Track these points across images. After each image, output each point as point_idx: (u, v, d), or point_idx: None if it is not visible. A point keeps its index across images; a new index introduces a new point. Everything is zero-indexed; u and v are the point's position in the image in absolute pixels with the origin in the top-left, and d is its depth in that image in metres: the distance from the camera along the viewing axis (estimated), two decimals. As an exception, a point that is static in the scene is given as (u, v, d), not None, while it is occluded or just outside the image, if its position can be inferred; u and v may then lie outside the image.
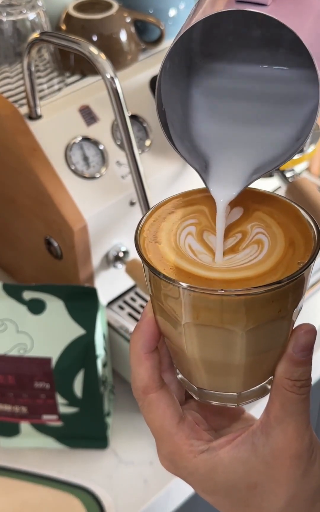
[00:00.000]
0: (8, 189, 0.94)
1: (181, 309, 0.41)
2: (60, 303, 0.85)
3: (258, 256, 0.42)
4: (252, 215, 0.44)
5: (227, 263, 0.42)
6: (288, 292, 0.41)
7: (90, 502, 0.85)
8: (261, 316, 0.41)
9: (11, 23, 0.87)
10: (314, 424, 1.38)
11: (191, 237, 0.43)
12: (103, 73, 0.76)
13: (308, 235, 0.42)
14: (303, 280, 0.42)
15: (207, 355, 0.44)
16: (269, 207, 0.45)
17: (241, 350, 0.43)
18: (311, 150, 0.88)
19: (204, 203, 0.46)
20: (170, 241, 0.43)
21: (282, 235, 0.43)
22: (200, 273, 0.41)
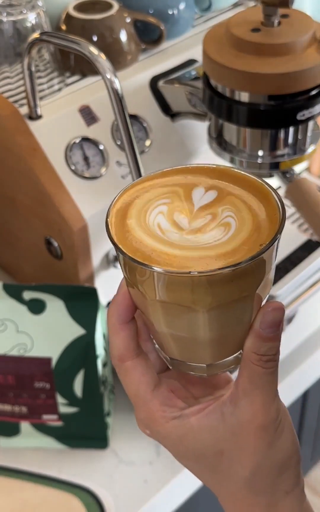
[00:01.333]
0: (8, 189, 0.94)
1: (144, 286, 0.43)
2: (60, 303, 0.85)
3: (223, 238, 0.43)
4: (225, 198, 0.46)
5: (192, 242, 0.43)
6: (249, 273, 0.42)
7: (90, 502, 0.85)
8: (222, 296, 0.42)
9: (11, 23, 0.87)
10: (314, 424, 1.38)
11: (162, 216, 0.45)
12: (103, 73, 0.76)
13: (275, 219, 0.44)
14: (264, 262, 0.43)
15: (173, 330, 0.46)
16: (242, 190, 0.46)
17: (204, 327, 0.44)
18: (311, 150, 0.88)
19: (180, 184, 0.47)
20: (140, 218, 0.45)
21: (250, 220, 0.44)
22: (163, 250, 0.42)
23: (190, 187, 0.46)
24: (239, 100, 0.81)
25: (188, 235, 0.43)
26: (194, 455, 0.47)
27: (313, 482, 1.71)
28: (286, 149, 0.87)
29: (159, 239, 0.43)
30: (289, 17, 0.81)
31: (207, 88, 0.84)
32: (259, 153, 0.87)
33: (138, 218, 0.45)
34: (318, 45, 0.80)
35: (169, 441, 0.48)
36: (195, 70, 0.95)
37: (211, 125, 0.90)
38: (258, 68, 0.77)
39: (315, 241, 1.01)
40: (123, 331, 0.47)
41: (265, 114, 0.81)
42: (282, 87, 0.78)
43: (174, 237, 0.43)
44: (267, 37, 0.78)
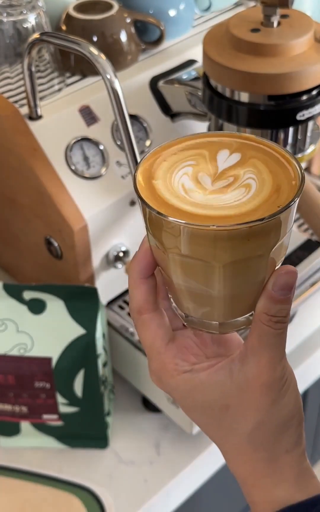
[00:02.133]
0: (8, 189, 0.94)
1: (165, 240, 0.46)
2: (60, 303, 0.85)
3: (243, 198, 0.45)
4: (248, 161, 0.48)
5: (213, 201, 0.45)
6: (265, 233, 0.44)
7: (90, 501, 0.85)
8: (238, 252, 0.44)
9: (12, 23, 0.87)
10: (314, 424, 1.38)
11: (186, 177, 0.47)
12: (103, 73, 0.76)
13: (294, 184, 0.46)
14: (279, 224, 0.45)
15: (190, 284, 0.48)
16: (265, 155, 0.48)
17: (219, 283, 0.46)
18: (311, 150, 0.89)
19: (206, 147, 0.49)
20: (166, 179, 0.47)
21: (270, 182, 0.46)
22: (185, 208, 0.44)
23: (215, 150, 0.49)
24: (239, 100, 0.81)
25: (211, 194, 0.46)
26: (202, 408, 0.50)
27: (313, 482, 1.71)
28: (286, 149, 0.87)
29: (182, 198, 0.45)
30: (289, 18, 0.81)
31: (207, 88, 0.84)
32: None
33: (164, 179, 0.47)
34: (318, 45, 0.80)
35: (178, 393, 0.50)
36: (195, 70, 0.95)
37: (211, 125, 0.90)
38: (258, 68, 0.77)
39: (315, 241, 1.01)
40: (143, 285, 0.50)
41: (265, 114, 0.81)
42: (282, 87, 0.78)
43: (197, 197, 0.45)
44: (267, 37, 0.78)
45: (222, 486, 1.12)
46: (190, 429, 0.91)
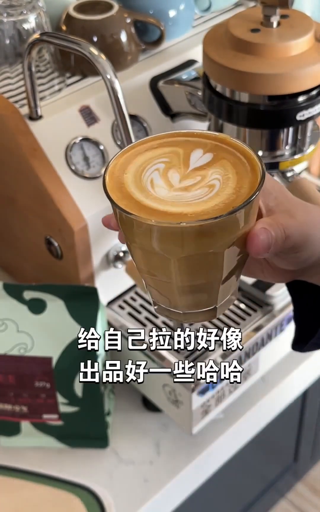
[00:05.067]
0: (8, 189, 0.95)
1: (125, 230, 0.48)
2: (60, 302, 0.85)
3: (203, 197, 0.46)
4: (218, 162, 0.49)
5: (175, 198, 0.47)
6: (215, 232, 0.46)
7: (91, 501, 0.86)
8: (189, 249, 0.46)
9: (12, 23, 0.87)
10: (314, 424, 1.38)
11: (157, 173, 0.49)
12: (103, 73, 0.76)
13: (254, 186, 0.47)
14: (233, 223, 0.46)
15: (151, 274, 0.50)
16: (235, 157, 0.49)
17: (176, 275, 0.48)
18: (310, 150, 0.89)
19: (182, 146, 0.50)
20: (137, 172, 0.49)
21: (234, 183, 0.47)
22: (145, 202, 0.46)
23: (190, 149, 0.50)
24: (239, 100, 0.81)
25: (175, 191, 0.47)
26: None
27: (313, 482, 1.71)
28: (286, 149, 0.87)
29: (147, 192, 0.47)
30: (289, 18, 0.81)
31: (207, 88, 0.84)
32: (258, 153, 0.87)
33: (135, 173, 0.49)
34: (318, 45, 0.80)
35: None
36: (195, 70, 0.95)
37: (211, 125, 0.90)
38: (258, 68, 0.77)
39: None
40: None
41: (264, 114, 0.81)
42: (282, 87, 0.78)
43: (161, 192, 0.47)
44: (267, 37, 0.78)
45: (222, 486, 1.12)
46: (190, 429, 0.91)
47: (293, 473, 1.56)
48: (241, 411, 0.98)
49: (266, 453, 1.32)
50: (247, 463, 1.17)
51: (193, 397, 0.86)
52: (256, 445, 1.08)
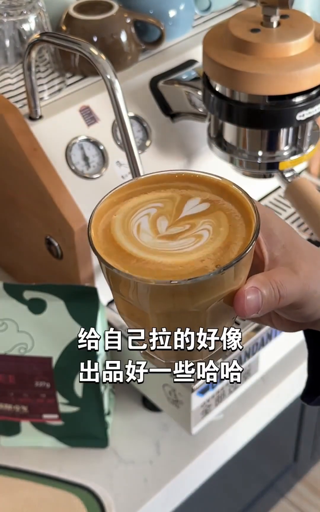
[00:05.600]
0: (8, 189, 0.95)
1: (103, 270, 0.45)
2: (60, 302, 0.85)
3: (188, 248, 0.43)
4: (212, 212, 0.46)
5: (158, 246, 0.44)
6: (194, 292, 0.42)
7: (91, 501, 0.86)
8: (165, 305, 0.43)
9: (12, 23, 0.87)
10: (314, 424, 1.38)
11: (147, 217, 0.46)
12: (103, 73, 0.76)
13: (244, 245, 0.43)
14: (217, 283, 0.42)
15: (130, 318, 0.48)
16: (231, 209, 0.46)
17: (154, 326, 0.45)
18: (310, 150, 0.89)
19: (180, 192, 0.48)
20: (127, 214, 0.46)
21: (224, 237, 0.44)
22: (125, 247, 0.44)
23: (187, 197, 0.47)
24: (239, 100, 0.81)
25: (160, 239, 0.44)
26: None
27: (313, 482, 1.71)
28: (286, 149, 0.87)
29: (130, 237, 0.44)
30: (289, 18, 0.81)
31: (207, 88, 0.84)
32: (258, 153, 0.87)
33: (125, 215, 0.46)
34: (318, 45, 0.80)
35: None
36: (195, 70, 0.95)
37: (211, 125, 0.90)
38: (258, 68, 0.77)
39: (315, 241, 1.01)
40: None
41: (264, 114, 0.81)
42: (282, 87, 0.78)
43: (145, 238, 0.44)
44: (267, 37, 0.78)
45: (222, 485, 1.12)
46: (190, 429, 0.91)
47: (293, 473, 1.56)
48: (241, 411, 0.98)
49: (266, 453, 1.32)
50: (247, 463, 1.17)
51: (193, 397, 0.86)
52: (256, 445, 1.08)
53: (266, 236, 0.47)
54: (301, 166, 1.13)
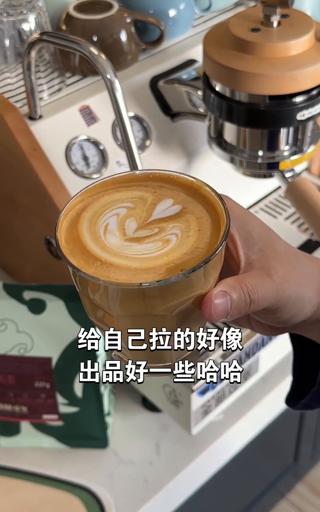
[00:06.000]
0: (8, 189, 0.95)
1: (69, 268, 0.44)
2: (60, 303, 0.85)
3: (154, 252, 0.43)
4: (183, 215, 0.45)
5: (124, 249, 0.43)
6: (157, 295, 0.41)
7: (90, 501, 0.85)
8: (130, 308, 0.42)
9: (12, 23, 0.87)
10: (314, 424, 1.38)
11: (115, 218, 0.45)
12: (103, 73, 0.76)
13: (211, 250, 0.42)
14: (184, 286, 0.41)
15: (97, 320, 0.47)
16: (202, 212, 0.45)
17: (121, 328, 0.44)
18: (311, 150, 0.89)
19: (152, 192, 0.46)
20: (96, 213, 0.45)
21: (192, 242, 0.43)
22: (90, 248, 0.43)
23: (159, 198, 0.46)
24: (239, 100, 0.81)
25: (126, 242, 0.43)
26: None
27: (313, 483, 1.71)
28: (286, 149, 0.87)
29: (96, 237, 0.44)
30: (289, 17, 0.81)
31: (207, 88, 0.84)
32: (259, 153, 0.87)
33: (95, 213, 0.45)
34: (318, 44, 0.80)
35: None
36: (195, 70, 0.95)
37: (211, 125, 0.90)
38: (258, 68, 0.77)
39: (315, 241, 1.01)
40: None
41: (265, 114, 0.81)
42: (282, 87, 0.78)
43: (111, 240, 0.43)
44: (267, 37, 0.78)
45: (222, 486, 1.12)
46: (190, 429, 0.91)
47: (293, 473, 1.56)
48: (241, 411, 0.98)
49: (266, 453, 1.31)
50: (247, 463, 1.17)
51: (193, 397, 0.86)
52: (256, 445, 1.08)
53: (244, 238, 0.46)
54: (301, 166, 1.13)
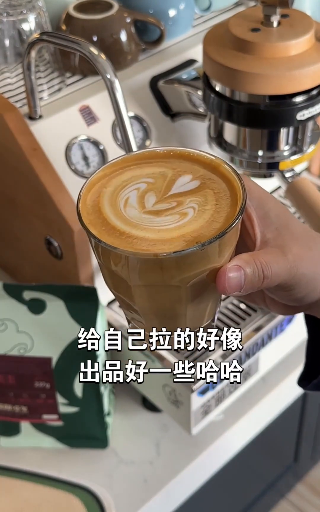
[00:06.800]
0: (8, 189, 0.95)
1: (90, 239, 0.45)
2: (60, 303, 0.85)
3: (171, 225, 0.44)
4: (201, 190, 0.46)
5: (143, 221, 0.45)
6: (173, 266, 0.43)
7: (90, 501, 0.85)
8: (147, 277, 0.44)
9: (12, 23, 0.87)
10: (314, 424, 1.38)
11: (135, 192, 0.47)
12: (103, 73, 0.76)
13: (227, 224, 0.44)
14: (200, 258, 0.43)
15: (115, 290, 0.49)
16: (220, 188, 0.47)
17: (137, 298, 0.46)
18: (311, 150, 0.89)
19: (172, 167, 0.48)
20: (117, 188, 0.47)
21: (208, 216, 0.45)
22: (110, 219, 0.45)
23: (179, 173, 0.48)
24: (239, 100, 0.81)
25: (145, 214, 0.45)
26: None
27: (313, 483, 1.71)
28: (286, 149, 0.87)
29: (116, 210, 0.45)
30: (289, 17, 0.81)
31: (207, 88, 0.84)
32: (259, 153, 0.87)
33: (115, 188, 0.47)
34: (318, 44, 0.80)
35: None
36: (195, 70, 0.95)
37: (211, 125, 0.90)
38: (258, 68, 0.77)
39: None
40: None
41: (265, 114, 0.81)
42: (282, 87, 0.78)
43: (131, 212, 0.45)
44: (267, 37, 0.78)
45: (222, 486, 1.12)
46: (190, 429, 0.91)
47: (293, 473, 1.56)
48: (241, 411, 0.98)
49: (266, 453, 1.31)
50: (247, 463, 1.17)
51: (193, 397, 0.86)
52: (256, 445, 1.08)
53: (261, 217, 0.47)
54: (301, 166, 1.13)
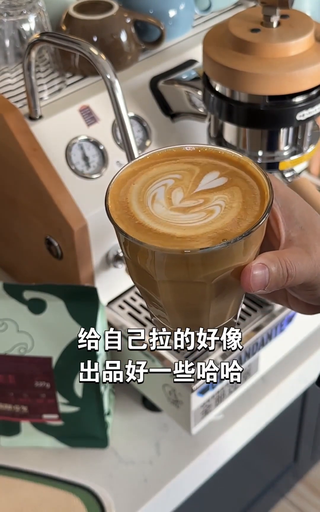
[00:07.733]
0: (8, 189, 0.95)
1: (118, 237, 0.46)
2: (60, 302, 0.85)
3: (197, 222, 0.44)
4: (228, 188, 0.47)
5: (170, 217, 0.45)
6: (199, 262, 0.44)
7: (91, 501, 0.86)
8: (173, 273, 0.45)
9: (12, 23, 0.87)
10: (314, 424, 1.38)
11: (163, 188, 0.47)
12: (103, 73, 0.76)
13: (254, 222, 0.44)
14: (224, 255, 0.44)
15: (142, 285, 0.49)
16: (248, 186, 0.47)
17: (162, 293, 0.47)
18: (311, 150, 0.89)
19: (201, 165, 0.48)
20: (145, 184, 0.47)
21: (235, 214, 0.45)
22: (137, 215, 0.45)
23: (207, 170, 0.48)
24: (239, 100, 0.81)
25: (172, 211, 0.46)
26: None
27: (313, 482, 1.71)
28: (286, 149, 0.87)
29: (143, 206, 0.46)
30: (289, 18, 0.81)
31: (207, 88, 0.84)
32: (259, 153, 0.87)
33: (143, 184, 0.47)
34: (318, 45, 0.80)
35: None
36: (195, 70, 0.95)
37: (211, 125, 0.90)
38: (258, 68, 0.77)
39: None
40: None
41: (264, 114, 0.81)
42: (282, 87, 0.78)
43: (158, 209, 0.46)
44: (267, 37, 0.78)
45: (222, 486, 1.12)
46: (190, 429, 0.91)
47: (293, 473, 1.56)
48: (241, 411, 0.98)
49: (266, 453, 1.32)
50: (247, 463, 1.17)
51: (193, 397, 0.86)
52: (256, 445, 1.08)
53: (286, 217, 0.48)
54: (301, 166, 1.13)
